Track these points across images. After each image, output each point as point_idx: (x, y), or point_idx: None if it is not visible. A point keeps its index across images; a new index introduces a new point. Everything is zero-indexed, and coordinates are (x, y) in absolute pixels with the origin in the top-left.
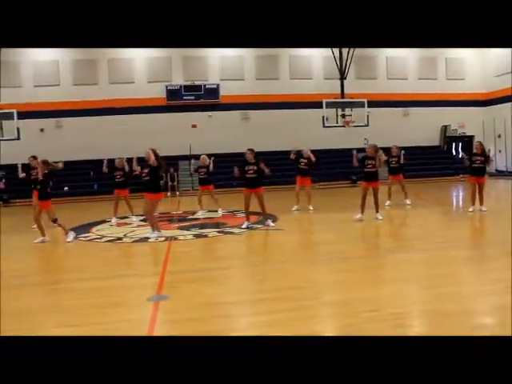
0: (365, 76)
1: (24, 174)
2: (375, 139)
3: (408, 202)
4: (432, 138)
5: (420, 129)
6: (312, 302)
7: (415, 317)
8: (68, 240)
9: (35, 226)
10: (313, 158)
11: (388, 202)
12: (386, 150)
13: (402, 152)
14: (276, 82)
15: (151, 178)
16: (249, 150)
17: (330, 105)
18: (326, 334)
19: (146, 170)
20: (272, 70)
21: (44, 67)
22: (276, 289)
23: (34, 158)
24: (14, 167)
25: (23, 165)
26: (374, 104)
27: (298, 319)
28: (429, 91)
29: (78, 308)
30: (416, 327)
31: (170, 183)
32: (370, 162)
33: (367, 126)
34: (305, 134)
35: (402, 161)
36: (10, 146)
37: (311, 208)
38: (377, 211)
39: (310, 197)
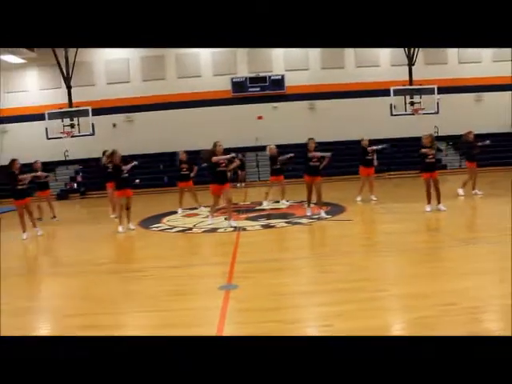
0: (434, 61)
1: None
2: (446, 127)
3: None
4: (507, 124)
5: (494, 115)
6: (384, 293)
7: (493, 311)
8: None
9: (114, 215)
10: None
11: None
12: (458, 138)
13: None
14: (342, 71)
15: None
16: (310, 139)
17: (397, 92)
18: (396, 327)
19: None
20: (337, 59)
21: (115, 65)
22: (346, 280)
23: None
24: (89, 161)
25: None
26: (444, 90)
27: (368, 310)
28: (504, 74)
29: (154, 295)
30: (494, 322)
31: (239, 173)
32: (429, 152)
33: (437, 113)
34: (372, 122)
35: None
36: (86, 142)
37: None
38: (438, 202)
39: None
